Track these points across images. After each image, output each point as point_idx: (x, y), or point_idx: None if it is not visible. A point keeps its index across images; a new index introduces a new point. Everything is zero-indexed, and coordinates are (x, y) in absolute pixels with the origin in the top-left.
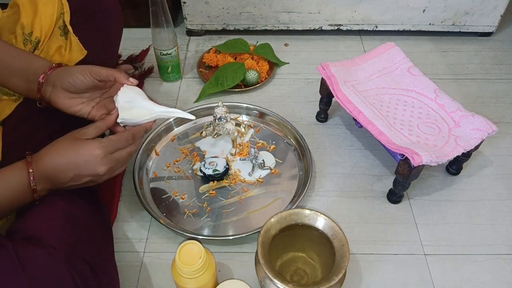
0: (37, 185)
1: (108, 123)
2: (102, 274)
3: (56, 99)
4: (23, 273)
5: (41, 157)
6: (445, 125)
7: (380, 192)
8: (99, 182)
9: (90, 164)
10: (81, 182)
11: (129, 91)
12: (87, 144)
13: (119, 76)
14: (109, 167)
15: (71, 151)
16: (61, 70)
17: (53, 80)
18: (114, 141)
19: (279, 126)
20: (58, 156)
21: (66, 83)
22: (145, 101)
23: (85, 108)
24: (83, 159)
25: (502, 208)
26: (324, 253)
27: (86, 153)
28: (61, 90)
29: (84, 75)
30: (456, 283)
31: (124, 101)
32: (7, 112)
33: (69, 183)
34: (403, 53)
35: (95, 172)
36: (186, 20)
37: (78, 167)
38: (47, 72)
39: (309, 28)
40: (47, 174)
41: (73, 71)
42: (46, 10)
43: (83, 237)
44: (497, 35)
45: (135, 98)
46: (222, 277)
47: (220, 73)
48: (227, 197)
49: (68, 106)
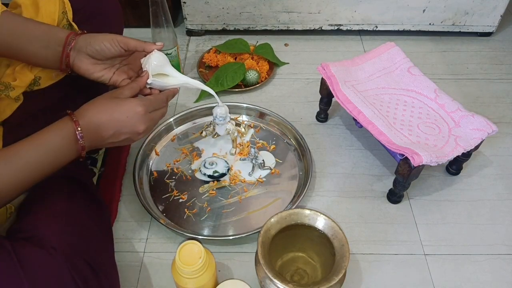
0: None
1: (141, 83)
2: (102, 274)
3: (80, 64)
4: (23, 274)
5: (83, 113)
6: (445, 125)
7: (380, 192)
8: (134, 141)
9: (132, 120)
10: (120, 140)
11: (160, 56)
12: (129, 102)
13: (147, 45)
14: (147, 126)
15: (113, 107)
16: (87, 36)
17: (78, 46)
18: (153, 101)
19: (279, 126)
20: (101, 112)
21: (92, 49)
22: (171, 68)
23: (107, 74)
24: (125, 115)
25: (502, 208)
26: (324, 253)
27: (128, 110)
28: (85, 55)
29: (113, 44)
30: (456, 283)
31: (155, 64)
32: (8, 113)
33: (109, 140)
34: (403, 53)
35: (135, 130)
36: (186, 20)
37: (119, 123)
38: (74, 38)
39: (309, 28)
40: (90, 130)
41: (100, 39)
42: (48, 10)
43: (83, 237)
44: (497, 35)
45: (164, 63)
46: (222, 277)
47: (220, 73)
48: (227, 197)
49: (92, 71)
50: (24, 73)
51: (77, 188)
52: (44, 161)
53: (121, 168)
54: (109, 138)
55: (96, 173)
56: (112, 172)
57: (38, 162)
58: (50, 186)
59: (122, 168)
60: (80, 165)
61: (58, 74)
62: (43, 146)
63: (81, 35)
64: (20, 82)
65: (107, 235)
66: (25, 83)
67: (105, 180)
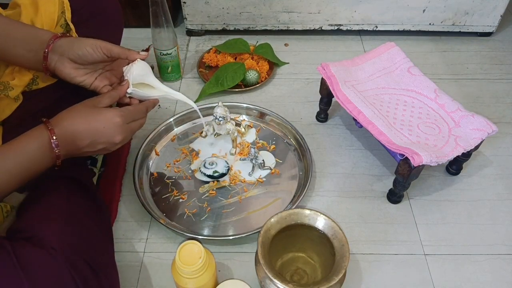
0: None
1: (120, 92)
2: (102, 274)
3: (62, 69)
4: (23, 274)
5: (59, 122)
6: (445, 125)
7: (380, 192)
8: (111, 150)
9: (109, 131)
10: (96, 149)
11: (142, 65)
12: (107, 112)
13: (131, 53)
14: (124, 136)
15: (90, 117)
16: (70, 40)
17: (60, 50)
18: (132, 112)
19: (279, 126)
20: (77, 121)
21: (74, 54)
22: (153, 78)
23: (89, 79)
24: (102, 125)
25: (502, 208)
26: (324, 253)
27: (106, 120)
28: (67, 60)
29: (95, 50)
30: (456, 283)
31: (137, 73)
32: (7, 113)
33: (84, 149)
34: (403, 53)
35: (111, 140)
36: (186, 20)
37: (96, 134)
38: (53, 41)
39: (309, 28)
40: (66, 139)
41: (83, 44)
42: (47, 9)
43: (83, 237)
44: (497, 35)
45: (146, 73)
46: (222, 277)
47: (220, 73)
48: (227, 197)
49: (73, 76)
50: (23, 72)
51: (77, 188)
52: (19, 169)
53: (121, 168)
54: (85, 148)
55: (96, 173)
56: (112, 172)
57: (12, 171)
58: (50, 186)
59: (122, 168)
60: (80, 165)
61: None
62: (17, 154)
63: (61, 38)
64: (19, 81)
65: (107, 235)
66: (23, 82)
67: (105, 180)
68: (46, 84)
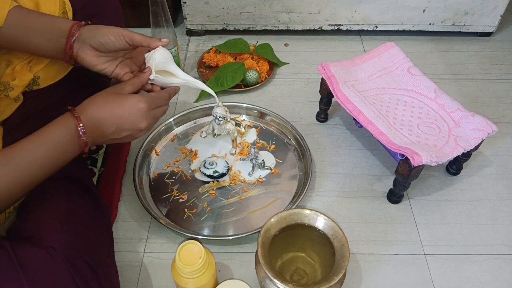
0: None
1: (143, 80)
2: (102, 274)
3: (84, 56)
4: (23, 274)
5: (85, 109)
6: (445, 125)
7: (380, 192)
8: (136, 138)
9: (134, 117)
10: (121, 137)
11: (164, 53)
12: (131, 98)
13: (152, 41)
14: (149, 123)
15: (114, 103)
16: (92, 28)
17: (82, 37)
18: (156, 98)
19: (279, 126)
20: (102, 108)
21: (97, 42)
22: (174, 65)
23: (110, 67)
24: (127, 111)
25: (502, 208)
26: (324, 253)
27: (131, 106)
28: (89, 47)
29: (117, 37)
30: (456, 283)
31: (159, 60)
32: (8, 113)
33: (110, 136)
34: (403, 53)
35: (136, 126)
36: (186, 20)
37: (121, 120)
38: (78, 30)
39: (309, 28)
40: (92, 126)
41: (105, 31)
42: (48, 9)
43: (83, 237)
44: (497, 35)
45: (168, 60)
46: (222, 277)
47: (220, 73)
48: (227, 197)
49: (95, 63)
50: (24, 72)
51: (77, 188)
52: (47, 159)
53: (121, 168)
54: (111, 134)
55: (96, 173)
56: (112, 172)
57: (41, 160)
58: (50, 186)
59: (122, 168)
60: (80, 165)
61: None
62: (45, 143)
63: (85, 26)
64: (19, 81)
65: (107, 235)
66: (24, 83)
67: (105, 180)
68: (47, 84)
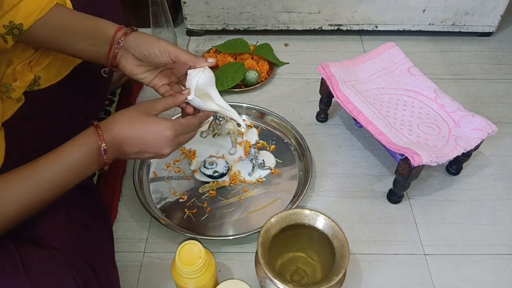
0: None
1: (177, 102)
2: (102, 274)
3: (125, 64)
4: (24, 273)
5: (110, 127)
6: (445, 125)
7: (380, 192)
8: (158, 158)
9: (158, 143)
10: (143, 157)
11: (209, 75)
12: (159, 123)
13: (199, 61)
14: (172, 149)
15: (141, 126)
16: (138, 37)
17: (126, 45)
18: (185, 126)
19: (279, 126)
20: (128, 128)
21: (140, 53)
22: (214, 89)
23: (149, 76)
24: (152, 137)
25: (502, 208)
26: (324, 253)
27: (157, 132)
28: (132, 56)
29: (163, 54)
30: (456, 283)
31: (201, 82)
32: (9, 114)
33: (131, 156)
34: (403, 53)
35: (160, 152)
36: (186, 20)
37: (145, 144)
38: (124, 38)
39: (309, 28)
40: (114, 145)
41: (151, 45)
42: None
43: (83, 237)
44: (497, 35)
45: (210, 84)
46: (222, 277)
47: (220, 73)
48: (227, 197)
49: (135, 72)
50: (25, 73)
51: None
52: (66, 177)
53: (121, 168)
54: (133, 154)
55: (96, 173)
56: (112, 172)
57: (59, 178)
58: None
59: (122, 168)
60: None
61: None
62: (65, 160)
63: (131, 34)
64: (21, 82)
65: (107, 235)
66: (25, 83)
67: (105, 180)
68: (48, 84)
